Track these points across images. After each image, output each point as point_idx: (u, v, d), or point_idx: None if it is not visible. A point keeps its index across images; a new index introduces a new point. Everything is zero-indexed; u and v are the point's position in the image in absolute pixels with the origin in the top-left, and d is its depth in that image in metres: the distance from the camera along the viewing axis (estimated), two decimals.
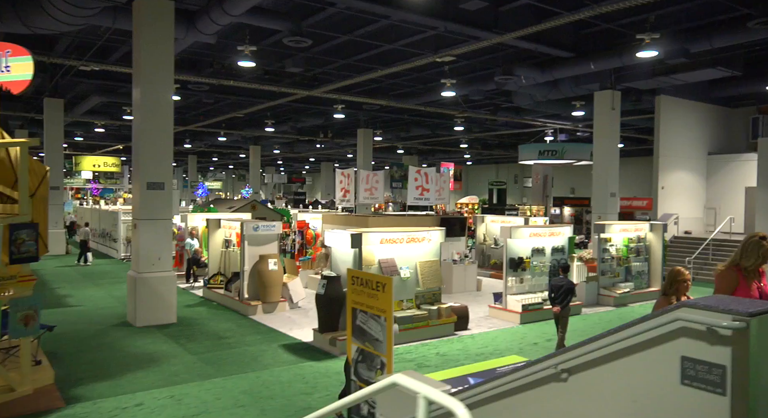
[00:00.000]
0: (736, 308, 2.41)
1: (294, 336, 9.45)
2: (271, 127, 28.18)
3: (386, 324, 4.84)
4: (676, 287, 5.05)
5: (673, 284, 5.09)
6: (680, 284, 5.06)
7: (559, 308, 8.59)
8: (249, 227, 11.11)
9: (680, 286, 5.05)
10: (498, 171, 50.53)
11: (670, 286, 5.08)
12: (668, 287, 5.10)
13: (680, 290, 5.05)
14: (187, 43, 14.06)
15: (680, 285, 5.06)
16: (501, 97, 22.21)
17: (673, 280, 5.10)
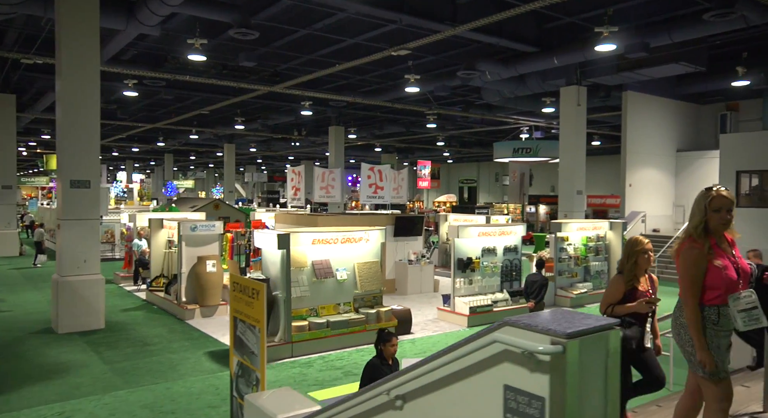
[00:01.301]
0: (554, 328, 1.98)
1: (225, 342, 8.96)
2: (241, 124, 27.61)
3: (260, 335, 4.38)
4: (634, 260, 4.07)
5: (630, 256, 4.10)
6: (639, 256, 4.06)
7: (533, 304, 8.71)
8: (186, 227, 10.60)
9: (639, 258, 4.06)
10: (479, 169, 50.27)
11: (627, 259, 4.13)
12: (624, 261, 4.16)
13: (640, 263, 4.07)
14: (132, 36, 13.54)
15: (639, 257, 4.06)
16: (473, 94, 21.86)
17: (630, 251, 4.12)
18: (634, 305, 4.05)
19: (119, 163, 58.09)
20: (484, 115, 25.08)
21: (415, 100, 22.62)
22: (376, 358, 5.19)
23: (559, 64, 15.15)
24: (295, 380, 7.18)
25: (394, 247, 13.56)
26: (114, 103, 24.22)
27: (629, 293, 4.10)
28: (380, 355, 5.18)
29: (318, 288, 8.76)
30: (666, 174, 20.01)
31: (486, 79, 17.10)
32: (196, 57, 14.05)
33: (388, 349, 5.16)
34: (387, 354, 5.16)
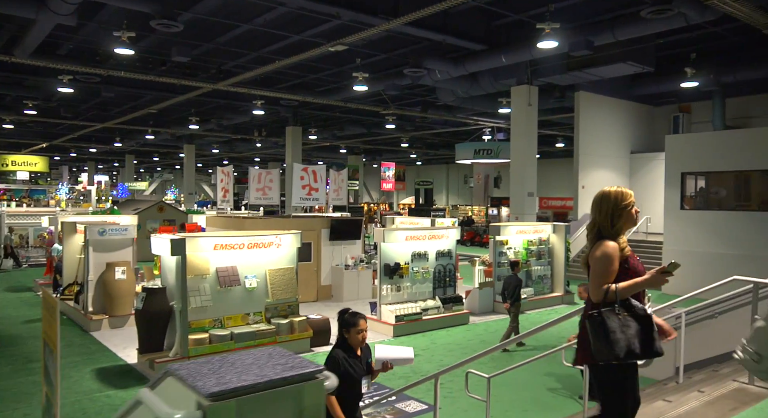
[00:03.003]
0: (201, 384, 1.39)
1: (123, 357, 8.26)
2: (195, 124, 26.75)
3: (54, 360, 3.71)
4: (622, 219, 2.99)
5: (616, 214, 2.98)
6: (627, 213, 3.00)
7: (509, 305, 8.87)
8: (94, 231, 9.84)
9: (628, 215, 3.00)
10: (448, 171, 49.98)
11: (612, 219, 2.98)
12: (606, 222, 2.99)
13: (629, 222, 3.02)
14: (49, 26, 12.68)
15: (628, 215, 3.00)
16: (432, 94, 21.43)
17: (615, 207, 2.99)
18: (647, 279, 2.84)
19: (83, 165, 56.52)
20: (444, 116, 24.65)
21: (374, 100, 22.15)
22: (338, 349, 3.97)
23: (508, 62, 14.74)
24: None
25: (330, 251, 12.95)
26: (55, 101, 23.16)
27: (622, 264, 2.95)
28: (343, 345, 4.00)
29: (223, 297, 8.10)
30: (620, 176, 19.75)
31: (436, 78, 16.64)
32: (124, 51, 13.26)
33: (354, 336, 3.95)
34: (353, 343, 3.98)
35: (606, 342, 2.75)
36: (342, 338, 4.01)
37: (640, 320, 2.82)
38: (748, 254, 13.16)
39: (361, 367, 3.97)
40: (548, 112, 21.77)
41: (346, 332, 3.99)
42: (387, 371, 4.06)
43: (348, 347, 3.98)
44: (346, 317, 4.02)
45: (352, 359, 3.93)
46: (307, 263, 12.59)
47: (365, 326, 4.02)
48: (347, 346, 3.98)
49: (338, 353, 3.91)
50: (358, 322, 3.96)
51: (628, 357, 2.78)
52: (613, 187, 3.13)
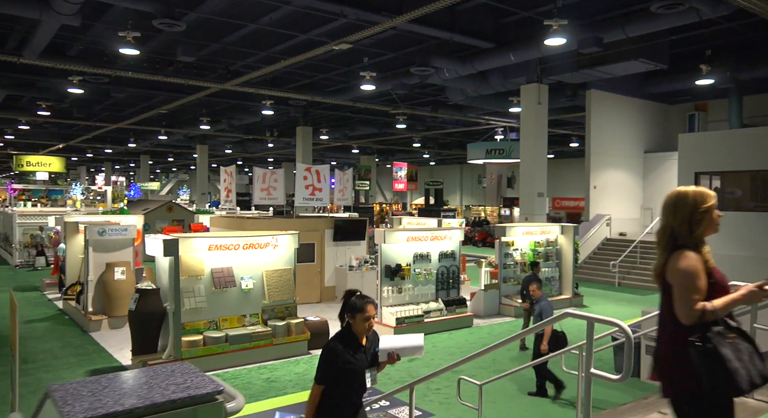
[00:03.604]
0: (69, 410, 1.23)
1: (119, 358, 8.20)
2: (206, 125, 26.82)
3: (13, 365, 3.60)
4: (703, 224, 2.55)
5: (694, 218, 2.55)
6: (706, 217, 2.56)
7: (528, 304, 8.71)
8: (94, 231, 9.80)
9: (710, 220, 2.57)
10: (462, 171, 49.67)
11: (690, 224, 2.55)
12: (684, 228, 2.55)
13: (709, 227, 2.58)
14: (54, 27, 12.70)
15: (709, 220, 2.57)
16: (442, 93, 21.24)
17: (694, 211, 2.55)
18: (744, 295, 2.45)
19: (100, 165, 57.15)
20: (454, 116, 24.44)
21: (384, 100, 22.04)
22: (336, 341, 3.47)
23: (516, 60, 14.48)
24: None
25: (334, 252, 12.80)
26: (67, 102, 23.35)
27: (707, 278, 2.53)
28: (347, 332, 3.50)
29: (218, 299, 7.98)
30: (633, 176, 19.35)
31: (444, 76, 16.44)
32: (129, 51, 13.25)
33: (359, 323, 3.45)
34: (358, 330, 3.47)
35: (724, 375, 2.27)
36: (346, 325, 3.54)
37: (747, 340, 2.38)
38: (765, 257, 12.75)
39: (365, 358, 3.53)
40: (561, 111, 21.44)
41: (351, 318, 3.50)
42: (394, 363, 3.64)
43: (351, 335, 3.51)
44: (353, 301, 3.52)
45: (355, 348, 3.48)
46: (310, 264, 12.47)
47: (373, 312, 3.52)
48: (350, 333, 3.50)
49: (336, 344, 3.45)
50: (365, 307, 3.46)
51: (751, 388, 2.32)
52: (690, 188, 2.63)
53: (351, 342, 3.47)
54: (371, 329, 3.53)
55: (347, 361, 3.40)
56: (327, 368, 3.39)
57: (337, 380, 3.38)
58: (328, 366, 3.39)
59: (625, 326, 2.69)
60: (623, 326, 2.69)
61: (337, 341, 3.47)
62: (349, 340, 3.47)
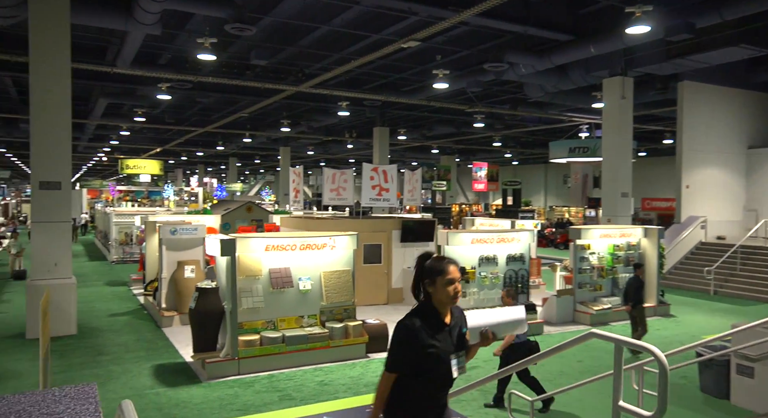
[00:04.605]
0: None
1: (183, 355, 8.42)
2: (287, 127, 27.54)
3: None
4: None
5: None
6: None
7: (630, 308, 8.63)
8: (166, 230, 10.20)
9: None
10: (547, 171, 48.01)
11: None
12: None
13: None
14: (139, 37, 13.41)
15: None
16: (521, 90, 20.54)
17: None
18: None
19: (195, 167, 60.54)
20: (534, 113, 23.55)
21: (462, 98, 21.66)
22: (414, 317, 2.77)
23: (597, 52, 13.62)
24: (219, 404, 6.45)
25: (402, 253, 12.59)
26: (160, 109, 24.77)
27: None
28: (425, 308, 2.79)
29: (276, 299, 8.00)
30: (733, 174, 17.64)
31: (520, 72, 15.80)
32: (206, 56, 13.76)
33: (441, 290, 2.73)
34: (441, 300, 2.75)
35: None
36: (424, 298, 2.79)
37: None
38: None
39: (450, 340, 2.79)
40: (650, 105, 20.03)
41: (429, 285, 2.75)
42: (489, 344, 2.92)
43: (432, 311, 2.76)
44: (430, 264, 2.78)
45: (437, 327, 2.74)
46: (377, 265, 12.35)
47: (458, 275, 2.76)
48: (430, 308, 2.77)
49: (414, 320, 2.73)
50: (446, 268, 2.72)
51: None
52: None
53: (432, 319, 2.72)
54: (457, 297, 2.77)
55: (427, 343, 2.67)
56: (401, 352, 2.71)
57: (414, 368, 2.69)
58: (402, 349, 2.70)
59: (659, 354, 2.26)
60: (657, 353, 2.26)
61: (414, 317, 2.72)
62: (429, 316, 2.72)
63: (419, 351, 2.66)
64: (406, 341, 2.69)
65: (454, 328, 2.81)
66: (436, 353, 2.69)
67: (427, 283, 2.75)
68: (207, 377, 7.30)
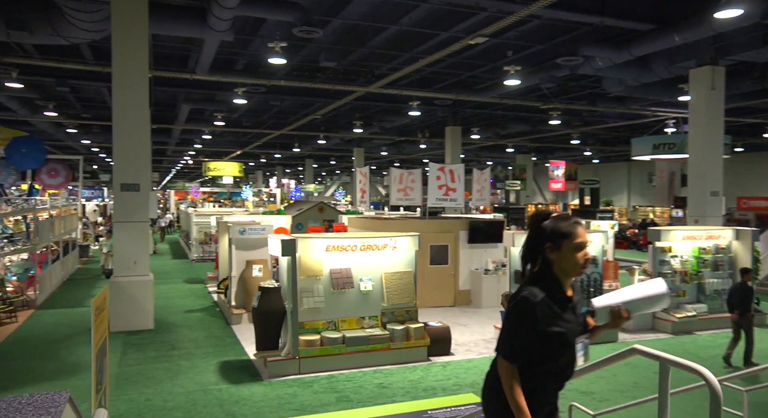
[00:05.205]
0: None
1: (248, 352, 8.61)
2: (359, 128, 27.82)
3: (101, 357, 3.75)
4: None
5: None
6: None
7: (736, 315, 8.05)
8: (235, 230, 10.50)
9: None
10: (630, 169, 45.68)
11: None
12: None
13: None
14: (214, 43, 13.92)
15: None
16: (599, 85, 19.65)
17: None
18: None
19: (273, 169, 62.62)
20: (614, 109, 22.42)
21: (537, 95, 21.02)
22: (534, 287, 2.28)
23: (682, 41, 12.72)
24: (278, 403, 6.51)
25: (469, 254, 12.31)
26: (238, 113, 25.70)
27: None
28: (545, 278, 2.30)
29: (337, 299, 8.00)
30: None
31: (597, 65, 15.04)
32: (277, 60, 14.09)
33: (568, 257, 2.27)
34: (567, 269, 2.29)
35: None
36: (541, 267, 2.29)
37: None
38: None
39: (576, 319, 2.32)
40: (747, 96, 18.50)
41: (551, 250, 2.26)
42: (621, 325, 2.46)
43: (554, 282, 2.26)
44: (552, 225, 2.28)
45: (562, 303, 2.25)
46: (443, 266, 12.13)
47: (587, 239, 2.27)
48: (551, 279, 2.27)
49: (536, 293, 2.22)
50: (574, 230, 2.25)
51: None
52: None
53: (555, 293, 2.23)
54: (588, 264, 2.27)
55: (554, 322, 2.18)
56: (522, 333, 2.20)
57: (534, 352, 2.19)
58: (523, 330, 2.19)
59: (710, 377, 1.96)
60: (707, 375, 1.96)
61: (534, 289, 2.21)
62: (551, 289, 2.22)
63: (545, 331, 2.15)
64: (528, 320, 2.15)
65: (578, 305, 2.31)
66: (563, 334, 2.19)
67: (548, 248, 2.25)
68: (268, 375, 7.41)
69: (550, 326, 2.16)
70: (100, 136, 29.04)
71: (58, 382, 7.16)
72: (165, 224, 28.85)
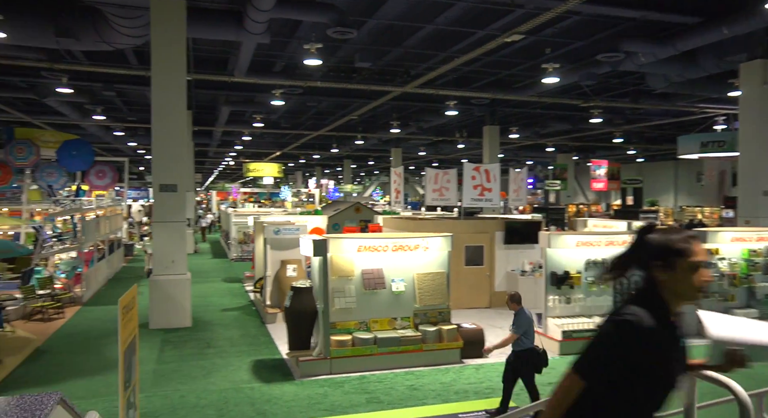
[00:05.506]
0: None
1: (281, 351, 8.67)
2: (396, 128, 27.79)
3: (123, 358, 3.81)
4: None
5: None
6: None
7: None
8: (270, 230, 10.61)
9: None
10: (677, 168, 44.14)
11: None
12: None
13: None
14: (251, 46, 14.11)
15: None
16: (642, 82, 19.09)
17: None
18: None
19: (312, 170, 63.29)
20: (659, 106, 21.73)
21: (577, 93, 20.58)
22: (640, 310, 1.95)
23: (731, 34, 12.23)
24: (308, 402, 6.52)
25: (505, 255, 12.11)
26: (277, 114, 26.04)
27: None
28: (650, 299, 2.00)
29: (368, 300, 7.98)
30: None
31: (639, 61, 14.62)
32: (312, 61, 14.18)
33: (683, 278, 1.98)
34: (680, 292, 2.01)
35: None
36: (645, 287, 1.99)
37: None
38: None
39: (681, 352, 2.05)
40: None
41: (662, 269, 1.95)
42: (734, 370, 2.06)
43: (661, 307, 1.95)
44: (662, 240, 1.98)
45: (669, 332, 1.96)
46: (479, 267, 11.97)
47: (705, 256, 2.01)
48: (659, 303, 1.96)
49: (642, 317, 1.89)
50: (691, 246, 1.95)
51: None
52: None
53: (660, 319, 1.90)
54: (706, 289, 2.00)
55: (660, 354, 1.88)
56: (614, 357, 1.89)
57: (627, 382, 1.89)
58: (617, 353, 1.88)
59: (739, 392, 1.82)
60: (736, 390, 1.83)
61: (640, 312, 1.88)
62: (657, 315, 1.89)
63: (645, 362, 1.83)
64: (627, 344, 1.84)
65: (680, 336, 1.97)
66: (668, 369, 1.89)
67: (658, 266, 1.92)
68: (300, 374, 7.45)
69: (656, 359, 1.86)
70: (146, 138, 29.92)
71: (99, 376, 7.38)
72: (206, 225, 29.47)
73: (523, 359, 6.08)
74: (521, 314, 6.36)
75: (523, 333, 6.14)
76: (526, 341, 6.14)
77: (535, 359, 6.12)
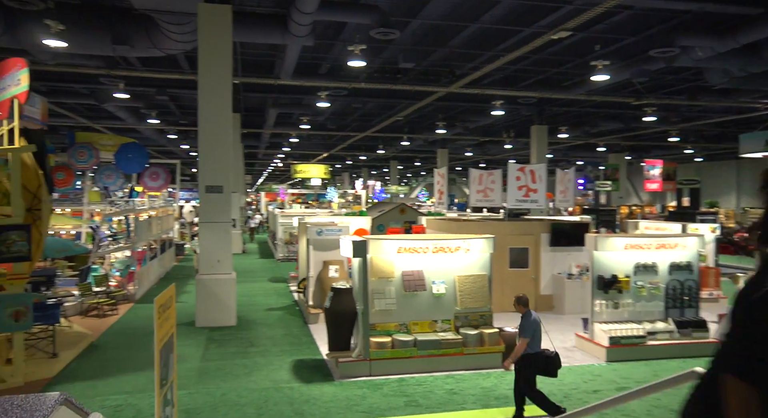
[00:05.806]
0: None
1: (322, 352, 8.72)
2: (442, 129, 27.62)
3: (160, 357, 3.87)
4: None
5: None
6: None
7: None
8: (313, 231, 10.70)
9: None
10: (739, 168, 42.13)
11: None
12: None
13: None
14: (296, 49, 14.28)
15: None
16: (700, 78, 18.31)
17: None
18: None
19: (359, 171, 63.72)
20: (719, 102, 20.74)
21: (629, 91, 19.95)
22: None
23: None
24: (346, 404, 6.52)
25: (551, 258, 11.80)
26: (323, 116, 26.31)
27: None
28: None
29: (408, 302, 7.92)
30: None
31: (696, 56, 14.00)
32: (356, 63, 14.24)
33: None
34: None
35: None
36: None
37: None
38: None
39: None
40: None
41: None
42: None
43: None
44: None
45: None
46: (523, 270, 11.72)
47: None
48: None
49: None
50: None
51: None
52: None
53: None
54: None
55: None
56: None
57: None
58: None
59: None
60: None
61: None
62: None
63: None
64: None
65: None
66: None
67: None
68: (339, 375, 7.46)
69: None
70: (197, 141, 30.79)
71: (147, 371, 7.60)
72: (255, 225, 30.07)
73: (526, 363, 5.95)
74: (527, 317, 6.19)
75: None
76: (534, 345, 6.02)
77: (541, 364, 5.97)
